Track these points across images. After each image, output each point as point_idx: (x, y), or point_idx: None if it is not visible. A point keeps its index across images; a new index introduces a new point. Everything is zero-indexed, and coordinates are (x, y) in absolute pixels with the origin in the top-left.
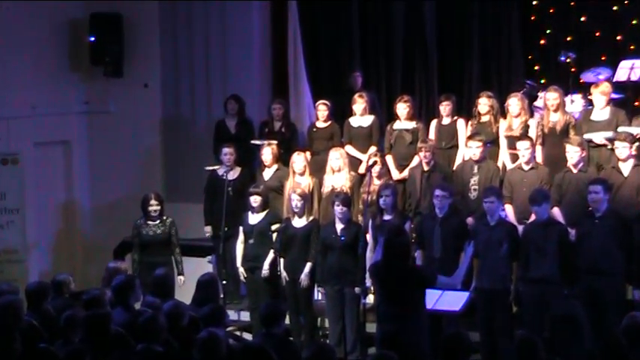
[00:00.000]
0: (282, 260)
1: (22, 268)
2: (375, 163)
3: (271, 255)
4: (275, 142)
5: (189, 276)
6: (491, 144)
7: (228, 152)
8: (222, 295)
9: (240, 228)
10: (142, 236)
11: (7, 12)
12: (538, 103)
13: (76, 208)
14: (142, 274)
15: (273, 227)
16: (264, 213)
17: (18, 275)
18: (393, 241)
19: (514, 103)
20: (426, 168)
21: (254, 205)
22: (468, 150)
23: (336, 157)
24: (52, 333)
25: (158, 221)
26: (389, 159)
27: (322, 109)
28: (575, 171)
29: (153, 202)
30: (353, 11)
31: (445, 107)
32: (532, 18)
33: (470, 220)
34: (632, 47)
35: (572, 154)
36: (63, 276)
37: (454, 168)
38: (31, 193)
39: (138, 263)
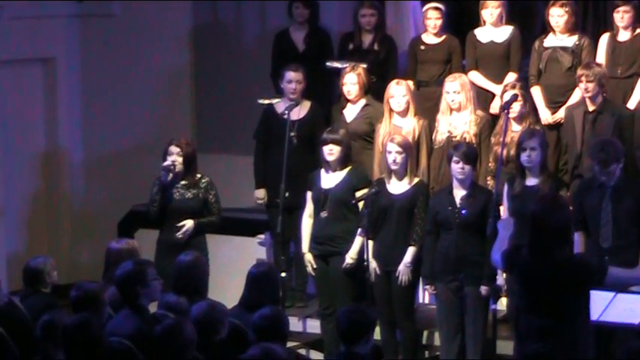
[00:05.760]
0: (370, 243)
1: None
2: (514, 98)
3: (357, 237)
4: (363, 64)
5: (233, 264)
6: None
7: (293, 79)
8: (280, 295)
9: (309, 194)
10: (161, 201)
11: None
12: None
13: (62, 160)
14: (160, 259)
15: (359, 194)
16: (345, 172)
17: None
18: (543, 219)
19: None
20: (591, 107)
21: (329, 159)
22: None
23: (455, 90)
24: (24, 346)
25: (186, 181)
26: (536, 92)
27: (434, 16)
28: None
29: (174, 149)
30: None
31: (623, 15)
32: None
33: None
34: None
35: None
36: (40, 260)
37: (634, 108)
38: None
39: (156, 243)
